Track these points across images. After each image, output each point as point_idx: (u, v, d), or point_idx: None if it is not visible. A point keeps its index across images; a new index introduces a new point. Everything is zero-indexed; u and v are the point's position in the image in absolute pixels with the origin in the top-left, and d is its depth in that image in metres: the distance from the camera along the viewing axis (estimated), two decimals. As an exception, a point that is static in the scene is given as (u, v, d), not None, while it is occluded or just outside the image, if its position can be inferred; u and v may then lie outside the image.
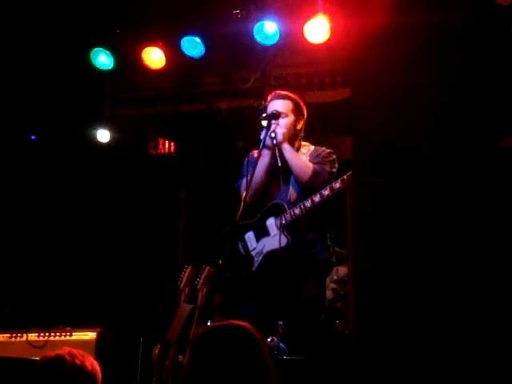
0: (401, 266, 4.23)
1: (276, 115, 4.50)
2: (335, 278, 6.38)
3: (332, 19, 5.97)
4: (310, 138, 7.35)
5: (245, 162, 4.80)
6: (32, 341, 5.61)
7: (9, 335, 5.66)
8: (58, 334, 5.65)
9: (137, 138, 7.58)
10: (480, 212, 4.07)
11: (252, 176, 4.48)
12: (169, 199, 7.26)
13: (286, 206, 4.42)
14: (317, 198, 4.39)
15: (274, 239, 4.43)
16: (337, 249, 6.32)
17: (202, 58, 6.54)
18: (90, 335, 5.65)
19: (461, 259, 4.14)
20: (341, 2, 5.86)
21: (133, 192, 7.37)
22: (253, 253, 4.62)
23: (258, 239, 4.63)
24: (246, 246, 4.65)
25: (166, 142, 7.56)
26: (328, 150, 4.72)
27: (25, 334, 5.64)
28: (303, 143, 4.80)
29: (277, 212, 4.51)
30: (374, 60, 4.55)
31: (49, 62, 6.70)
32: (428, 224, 4.14)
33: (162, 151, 7.58)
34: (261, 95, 6.93)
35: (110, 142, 7.21)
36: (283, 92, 4.76)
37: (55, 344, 5.57)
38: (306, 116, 4.77)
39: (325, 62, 6.68)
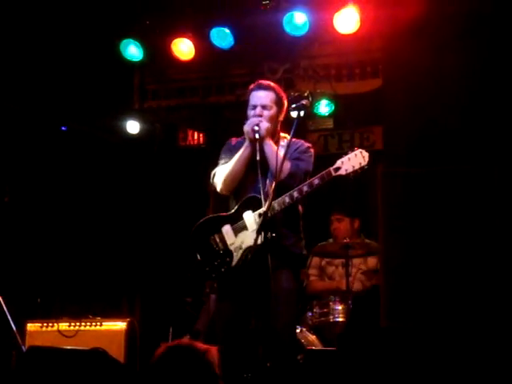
0: (433, 258, 4.19)
1: (305, 106, 4.44)
2: (364, 268, 6.36)
3: (362, 9, 5.95)
4: (339, 128, 7.36)
5: (222, 150, 4.78)
6: (63, 330, 5.67)
7: (40, 325, 5.73)
8: (88, 323, 5.70)
9: (166, 130, 7.60)
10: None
11: (231, 165, 4.54)
12: (198, 191, 7.27)
13: (263, 201, 4.35)
14: (296, 194, 4.35)
15: (254, 234, 4.31)
16: (366, 240, 6.33)
17: (231, 49, 6.54)
18: (120, 325, 5.70)
19: (494, 251, 4.09)
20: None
21: (162, 183, 7.40)
22: (231, 247, 4.54)
23: (236, 233, 4.55)
24: (223, 240, 4.57)
25: (195, 134, 7.58)
26: (307, 145, 4.67)
27: (56, 324, 5.70)
28: (282, 135, 4.73)
29: (254, 205, 4.48)
30: (405, 50, 4.50)
31: (78, 53, 6.73)
32: (461, 215, 4.10)
33: (192, 143, 7.60)
34: (290, 86, 6.91)
35: (139, 133, 7.25)
36: (266, 82, 4.68)
37: (86, 334, 5.64)
38: (286, 107, 4.67)
39: (354, 53, 6.64)
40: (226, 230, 4.58)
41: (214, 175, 4.70)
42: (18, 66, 6.59)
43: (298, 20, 6.20)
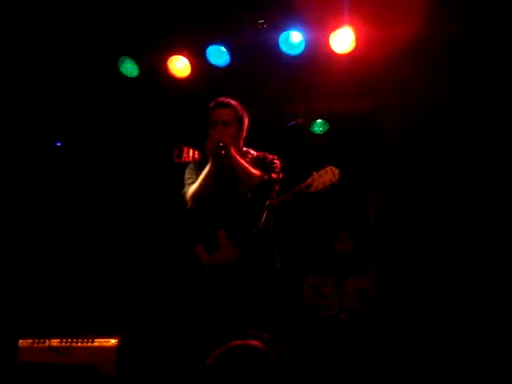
0: (422, 278, 4.20)
1: (299, 125, 4.51)
2: (358, 289, 6.35)
3: (357, 30, 5.97)
4: (333, 146, 7.36)
5: (186, 171, 4.90)
6: (54, 347, 5.64)
7: (31, 341, 5.70)
8: (79, 340, 5.68)
9: (161, 146, 7.61)
10: (496, 220, 4.02)
11: (199, 184, 4.62)
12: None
13: (234, 219, 4.45)
14: (265, 213, 4.47)
15: (226, 251, 4.49)
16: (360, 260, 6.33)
17: (227, 68, 6.56)
18: (112, 342, 5.68)
19: (483, 268, 4.09)
20: (366, 13, 5.86)
21: (157, 200, 7.40)
22: (205, 265, 4.62)
23: (209, 252, 4.64)
24: (196, 259, 4.66)
25: (190, 150, 7.57)
26: (271, 156, 4.76)
27: (47, 340, 5.67)
28: (245, 149, 4.85)
29: (226, 224, 4.56)
30: (398, 71, 4.53)
31: (75, 69, 6.75)
32: (450, 234, 4.11)
33: (186, 159, 7.59)
34: (286, 104, 6.93)
35: (133, 148, 7.26)
36: (226, 100, 4.77)
37: (77, 350, 5.61)
38: (247, 123, 4.81)
39: (350, 72, 6.66)
40: (199, 248, 4.66)
41: (184, 195, 4.78)
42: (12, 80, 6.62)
43: (294, 39, 6.23)
